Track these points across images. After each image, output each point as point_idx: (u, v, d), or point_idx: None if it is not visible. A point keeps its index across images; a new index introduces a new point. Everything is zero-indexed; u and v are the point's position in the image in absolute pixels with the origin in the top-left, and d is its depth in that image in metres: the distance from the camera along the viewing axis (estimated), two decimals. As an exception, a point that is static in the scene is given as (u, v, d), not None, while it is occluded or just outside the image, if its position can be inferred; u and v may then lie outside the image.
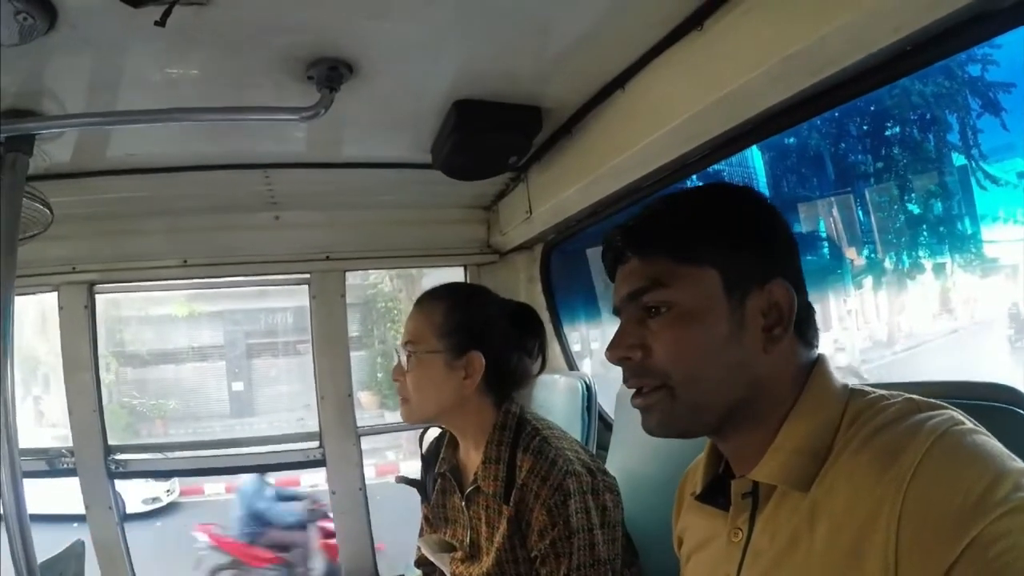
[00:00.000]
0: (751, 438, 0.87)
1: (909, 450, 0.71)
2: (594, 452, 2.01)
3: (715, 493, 0.97)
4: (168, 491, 9.77)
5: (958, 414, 0.74)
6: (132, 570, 2.56)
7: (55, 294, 2.51)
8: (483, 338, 1.53)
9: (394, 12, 1.33)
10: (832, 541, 0.75)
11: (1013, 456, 0.69)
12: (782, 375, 0.87)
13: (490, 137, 1.87)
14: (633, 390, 0.92)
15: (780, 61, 1.20)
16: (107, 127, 1.76)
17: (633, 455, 1.87)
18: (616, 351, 0.91)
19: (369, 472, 2.79)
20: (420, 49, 1.50)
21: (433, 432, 1.76)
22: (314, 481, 8.92)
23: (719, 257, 0.87)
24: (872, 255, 7.68)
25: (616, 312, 0.96)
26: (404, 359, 1.53)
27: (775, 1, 1.19)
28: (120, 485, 2.62)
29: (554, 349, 2.82)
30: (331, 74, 1.49)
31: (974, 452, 0.69)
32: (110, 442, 2.55)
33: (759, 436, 0.86)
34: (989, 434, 0.72)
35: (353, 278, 2.75)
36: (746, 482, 0.88)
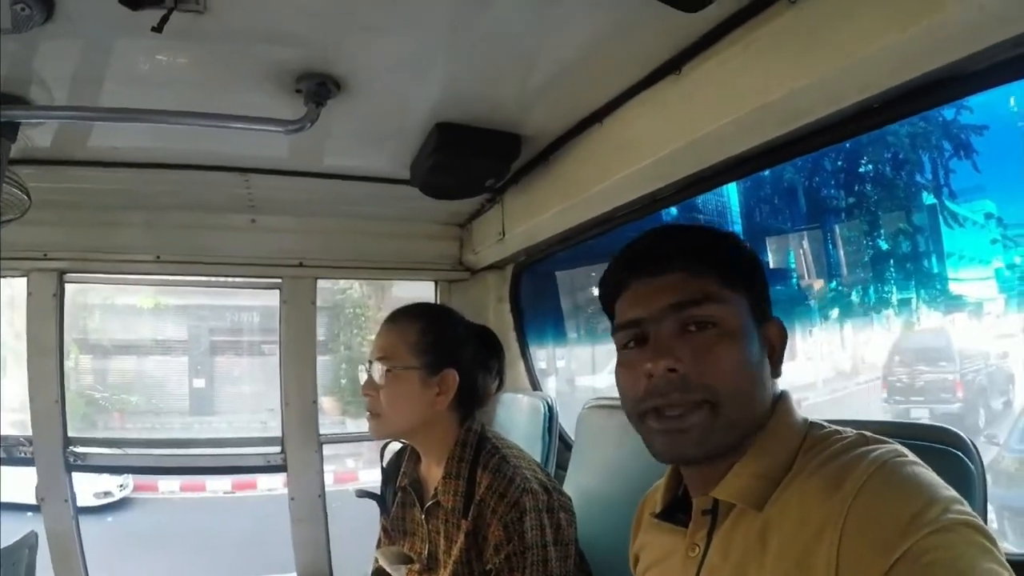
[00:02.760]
0: (723, 461, 0.91)
1: (854, 475, 0.77)
2: (553, 471, 2.05)
3: (674, 512, 1.02)
4: (121, 486, 9.54)
5: (901, 448, 0.81)
6: (85, 565, 2.54)
7: (24, 280, 2.48)
8: (455, 357, 1.57)
9: (385, 33, 1.37)
10: (782, 554, 0.80)
11: (947, 486, 0.75)
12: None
13: (469, 160, 1.91)
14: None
15: (752, 110, 1.26)
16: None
17: (591, 476, 1.91)
18: (666, 360, 0.88)
19: (327, 479, 2.79)
20: (407, 70, 1.54)
21: (394, 446, 1.78)
22: (271, 485, 8.84)
23: (749, 289, 0.93)
24: (839, 288, 7.86)
25: (632, 325, 0.94)
26: (377, 374, 1.55)
27: (751, 53, 1.25)
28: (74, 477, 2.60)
29: (518, 369, 2.87)
30: (319, 89, 1.52)
31: (911, 480, 0.75)
32: (69, 434, 2.53)
33: (729, 459, 0.91)
34: (927, 467, 0.78)
35: (323, 282, 2.76)
36: (708, 499, 0.92)
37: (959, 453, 0.95)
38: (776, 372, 0.94)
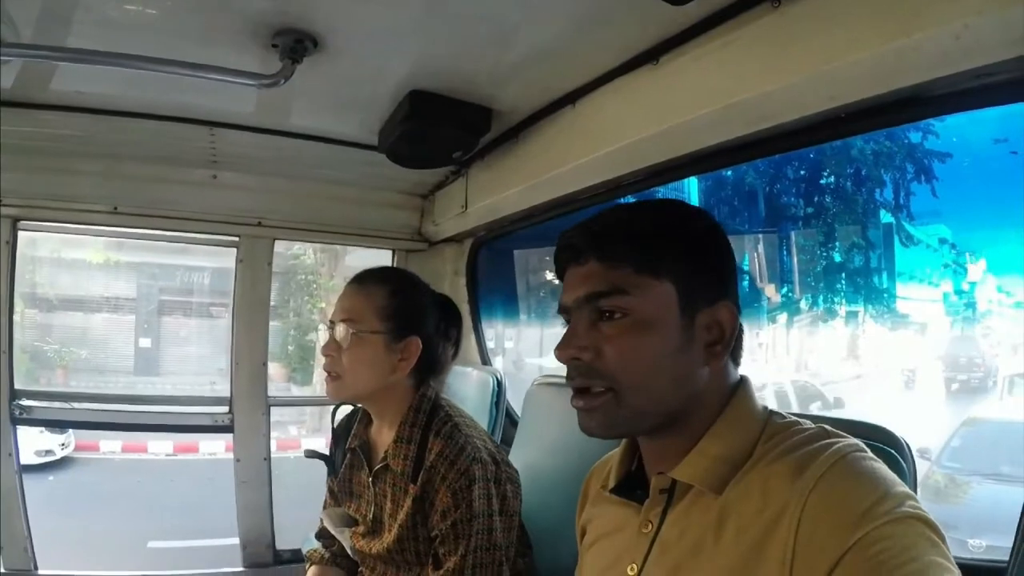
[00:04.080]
0: (675, 441, 0.93)
1: (815, 465, 0.80)
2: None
3: (627, 488, 1.03)
4: (63, 445, 9.27)
5: (861, 444, 0.85)
6: (27, 523, 2.49)
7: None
8: (420, 325, 1.57)
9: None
10: (739, 536, 0.83)
11: (901, 483, 0.79)
12: (714, 388, 0.93)
13: (439, 130, 1.91)
14: (571, 392, 0.95)
15: (723, 107, 1.30)
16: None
17: (535, 452, 1.94)
18: (567, 351, 0.93)
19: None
20: (386, 34, 1.53)
21: (345, 408, 1.78)
22: (212, 449, 8.75)
23: (678, 274, 0.91)
24: (790, 294, 8.05)
25: (563, 311, 0.97)
26: (340, 335, 1.53)
27: (728, 52, 1.28)
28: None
29: (470, 342, 2.90)
30: (296, 46, 1.51)
31: (869, 474, 0.79)
32: (16, 386, 2.47)
33: (683, 440, 0.93)
34: (882, 463, 0.82)
35: (277, 247, 2.74)
36: (666, 479, 0.94)
37: (893, 451, 1.01)
38: (720, 357, 0.93)
